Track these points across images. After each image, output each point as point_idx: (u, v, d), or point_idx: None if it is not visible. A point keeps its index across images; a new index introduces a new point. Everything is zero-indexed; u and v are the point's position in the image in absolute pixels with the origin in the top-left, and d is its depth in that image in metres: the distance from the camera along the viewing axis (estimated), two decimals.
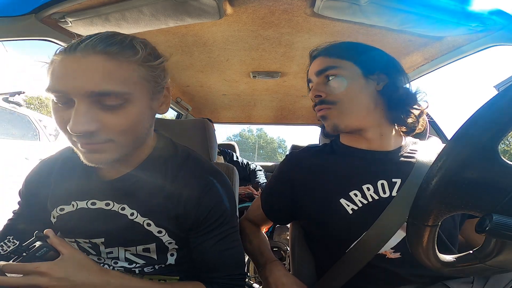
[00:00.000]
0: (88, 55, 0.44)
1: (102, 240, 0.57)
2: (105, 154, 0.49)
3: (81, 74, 0.44)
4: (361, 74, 0.66)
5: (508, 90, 0.29)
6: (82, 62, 0.44)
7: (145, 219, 0.55)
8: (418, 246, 0.37)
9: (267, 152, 49.69)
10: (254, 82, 1.59)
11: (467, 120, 0.32)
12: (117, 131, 0.47)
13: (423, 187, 0.34)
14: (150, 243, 0.57)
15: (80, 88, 0.44)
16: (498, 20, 0.76)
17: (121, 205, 0.56)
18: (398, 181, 0.62)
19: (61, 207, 0.58)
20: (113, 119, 0.46)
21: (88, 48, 0.45)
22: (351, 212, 0.62)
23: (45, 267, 0.43)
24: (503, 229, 0.30)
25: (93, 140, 0.46)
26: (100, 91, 0.44)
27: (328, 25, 0.95)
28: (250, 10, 0.87)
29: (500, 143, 0.30)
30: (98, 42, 0.45)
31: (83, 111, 0.44)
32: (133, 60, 0.47)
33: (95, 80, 0.44)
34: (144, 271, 0.60)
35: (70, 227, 0.58)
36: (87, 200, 0.57)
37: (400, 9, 0.77)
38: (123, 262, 0.59)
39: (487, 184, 0.31)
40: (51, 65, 0.47)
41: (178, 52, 1.20)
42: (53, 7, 0.75)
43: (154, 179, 0.57)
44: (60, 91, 0.45)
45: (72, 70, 0.44)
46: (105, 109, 0.46)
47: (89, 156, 0.49)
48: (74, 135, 0.46)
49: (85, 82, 0.44)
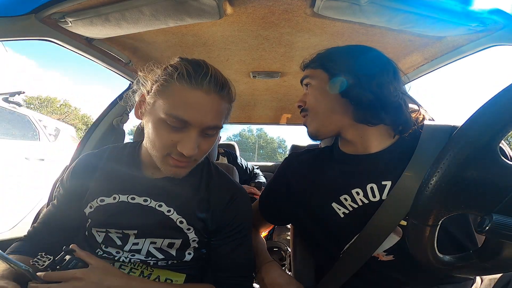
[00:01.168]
0: (210, 94, 0.56)
1: (135, 232, 0.64)
2: (186, 170, 0.61)
3: (204, 110, 0.55)
4: (327, 79, 0.66)
5: (508, 90, 0.29)
6: (207, 99, 0.55)
7: (179, 217, 0.64)
8: (418, 246, 0.37)
9: (267, 152, 49.71)
10: (254, 82, 1.59)
11: (467, 120, 0.32)
12: (203, 154, 0.61)
13: (423, 187, 0.34)
14: (177, 238, 0.65)
15: (201, 122, 0.55)
16: (498, 20, 0.75)
17: (158, 202, 0.65)
18: (389, 183, 0.61)
19: (101, 198, 0.66)
20: (205, 145, 0.59)
21: (210, 88, 0.56)
22: (342, 216, 0.64)
23: (80, 273, 0.51)
24: (503, 229, 0.30)
25: (188, 159, 0.58)
26: (212, 126, 0.57)
27: (328, 25, 0.95)
28: (250, 10, 0.87)
29: (500, 143, 0.30)
30: (215, 83, 0.56)
31: (196, 139, 0.56)
32: (230, 102, 0.62)
33: (212, 117, 0.56)
34: (157, 264, 0.66)
35: (106, 217, 0.65)
36: (128, 194, 0.65)
37: (400, 9, 0.77)
38: (141, 256, 0.65)
39: (487, 184, 0.31)
40: (169, 88, 0.56)
41: (178, 52, 1.20)
42: (53, 7, 0.75)
43: (191, 184, 0.68)
44: (183, 120, 0.54)
45: (197, 104, 0.54)
46: (205, 137, 0.59)
47: (175, 170, 0.60)
48: (177, 154, 0.57)
49: (206, 117, 0.55)
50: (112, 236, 0.66)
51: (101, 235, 0.67)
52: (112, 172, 0.69)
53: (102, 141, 1.34)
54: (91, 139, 1.32)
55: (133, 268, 0.64)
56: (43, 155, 2.49)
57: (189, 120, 0.54)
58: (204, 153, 0.61)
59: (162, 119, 0.55)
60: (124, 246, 0.66)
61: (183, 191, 0.66)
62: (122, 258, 0.65)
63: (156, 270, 0.65)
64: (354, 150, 0.69)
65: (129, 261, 0.65)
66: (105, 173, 0.69)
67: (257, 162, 2.98)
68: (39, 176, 2.40)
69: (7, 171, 2.19)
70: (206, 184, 0.69)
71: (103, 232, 0.67)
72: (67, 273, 0.51)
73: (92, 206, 0.67)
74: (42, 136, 2.62)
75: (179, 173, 0.61)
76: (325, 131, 0.69)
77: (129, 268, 0.64)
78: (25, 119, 2.56)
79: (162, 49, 1.17)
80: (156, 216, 0.64)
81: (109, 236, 0.67)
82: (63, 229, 0.70)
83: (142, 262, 0.65)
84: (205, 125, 0.56)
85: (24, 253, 0.65)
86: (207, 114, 0.55)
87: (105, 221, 0.66)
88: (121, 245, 0.66)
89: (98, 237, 0.67)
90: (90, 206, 0.67)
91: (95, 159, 0.72)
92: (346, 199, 0.64)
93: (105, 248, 0.66)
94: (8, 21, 0.70)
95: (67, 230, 0.70)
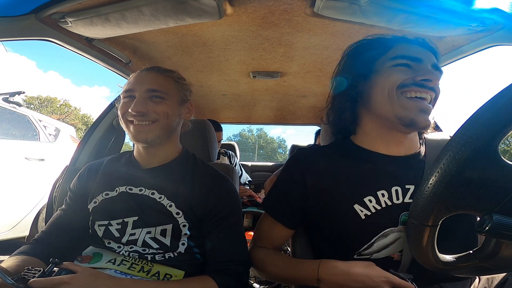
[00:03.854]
0: (150, 73, 0.77)
1: (135, 218, 0.72)
2: (151, 133, 0.72)
3: (143, 80, 0.74)
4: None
5: (507, 90, 0.29)
6: (146, 74, 0.76)
7: (169, 202, 0.72)
8: (418, 246, 0.37)
9: (267, 152, 49.68)
10: (254, 82, 1.59)
11: (467, 120, 0.32)
12: (160, 114, 0.72)
13: (423, 187, 0.34)
14: (168, 223, 0.71)
15: (141, 87, 0.73)
16: (498, 20, 0.75)
17: (151, 190, 0.74)
18: (412, 187, 0.62)
19: (106, 192, 0.75)
20: (157, 107, 0.72)
21: (150, 70, 0.78)
22: (363, 217, 0.62)
23: (68, 278, 0.54)
24: (503, 229, 0.30)
25: (144, 119, 0.71)
26: (151, 89, 0.73)
27: (328, 25, 0.95)
28: (250, 10, 0.87)
29: (500, 143, 0.30)
30: (157, 68, 0.79)
31: (141, 100, 0.72)
32: (171, 76, 0.79)
33: (150, 83, 0.74)
34: (155, 258, 0.69)
35: (109, 208, 0.73)
36: (127, 186, 0.75)
37: (400, 9, 0.77)
38: (138, 248, 0.70)
39: (487, 184, 0.31)
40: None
41: (178, 52, 1.20)
42: (53, 7, 0.75)
43: (178, 172, 0.77)
44: (128, 90, 0.74)
45: (139, 79, 0.75)
46: (153, 100, 0.73)
47: (138, 134, 0.72)
48: (131, 114, 0.70)
49: (145, 84, 0.73)
50: (111, 229, 0.72)
51: (101, 229, 0.73)
52: (114, 170, 0.80)
53: (102, 141, 1.34)
54: (91, 139, 1.31)
55: (134, 264, 0.67)
56: (43, 155, 2.49)
57: (131, 88, 0.74)
58: (158, 114, 0.72)
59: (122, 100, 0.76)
60: (122, 238, 0.71)
61: (171, 179, 0.75)
62: (122, 252, 0.70)
63: (156, 266, 0.68)
64: (386, 150, 0.67)
65: (129, 255, 0.70)
66: (107, 172, 0.80)
67: (257, 162, 2.97)
68: (39, 176, 2.40)
69: (7, 171, 2.19)
70: (191, 172, 0.78)
71: (103, 225, 0.73)
72: (55, 279, 0.53)
73: (97, 201, 0.75)
74: (42, 136, 2.61)
75: (144, 137, 0.72)
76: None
77: (130, 264, 0.67)
78: (25, 119, 2.55)
79: (162, 49, 1.17)
80: (150, 203, 0.72)
81: (109, 229, 0.72)
82: (71, 230, 0.76)
83: (140, 256, 0.69)
84: (144, 89, 0.73)
85: (34, 255, 0.68)
86: (145, 82, 0.74)
87: (109, 211, 0.73)
88: (119, 237, 0.71)
89: (99, 231, 0.72)
90: (94, 201, 0.75)
91: (96, 165, 0.84)
92: (371, 201, 0.62)
93: (108, 244, 0.72)
94: (8, 21, 0.70)
95: (75, 230, 0.76)
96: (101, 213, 0.74)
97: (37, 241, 0.73)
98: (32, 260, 0.66)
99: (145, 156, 0.78)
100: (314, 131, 2.47)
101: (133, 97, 0.73)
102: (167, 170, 0.77)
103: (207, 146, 1.07)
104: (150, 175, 0.76)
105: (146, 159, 0.78)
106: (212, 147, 1.10)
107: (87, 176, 0.81)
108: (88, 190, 0.78)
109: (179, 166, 0.79)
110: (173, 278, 0.67)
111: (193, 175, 0.78)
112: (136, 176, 0.76)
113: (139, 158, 0.79)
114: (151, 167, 0.78)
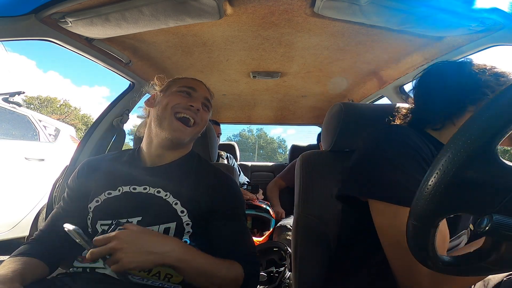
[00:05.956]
0: (203, 84, 0.87)
1: (139, 219, 0.70)
2: (188, 135, 0.76)
3: (202, 87, 0.84)
4: None
5: (507, 90, 0.29)
6: (202, 84, 0.86)
7: (175, 200, 0.72)
8: (418, 246, 0.37)
9: (267, 152, 49.67)
10: (254, 82, 1.59)
11: (466, 120, 0.32)
12: (202, 121, 0.80)
13: (422, 188, 0.34)
14: (172, 221, 0.70)
15: (200, 91, 0.82)
16: (498, 20, 0.76)
17: (156, 188, 0.73)
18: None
19: (108, 192, 0.74)
20: (204, 114, 0.81)
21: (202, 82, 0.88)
22: None
23: (119, 232, 0.58)
24: (503, 229, 0.30)
25: (194, 116, 0.76)
26: (207, 97, 0.84)
27: (328, 25, 0.95)
28: (250, 10, 0.87)
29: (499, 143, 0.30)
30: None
31: (198, 101, 0.79)
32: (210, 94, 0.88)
33: (206, 93, 0.85)
34: None
35: (113, 208, 0.72)
36: (130, 185, 0.74)
37: (400, 9, 0.77)
38: None
39: (486, 185, 0.31)
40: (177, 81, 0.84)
41: (178, 52, 1.20)
42: (53, 7, 0.75)
43: (183, 171, 0.78)
44: (190, 87, 0.81)
45: (198, 85, 0.84)
46: (203, 108, 0.81)
47: (177, 131, 0.74)
48: (186, 107, 0.76)
49: (203, 91, 0.84)
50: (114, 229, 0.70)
51: (104, 228, 0.71)
52: (116, 169, 0.78)
53: (102, 141, 1.34)
54: (91, 139, 1.31)
55: None
56: (43, 155, 2.49)
57: (194, 86, 0.82)
58: (202, 120, 0.80)
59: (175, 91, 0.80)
60: None
61: (176, 177, 0.75)
62: None
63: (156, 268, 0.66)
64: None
65: None
66: (109, 171, 0.78)
67: (257, 162, 2.97)
68: (39, 176, 2.40)
69: (7, 171, 2.19)
70: (196, 171, 0.79)
71: (107, 224, 0.71)
72: (108, 234, 0.58)
73: (99, 200, 0.74)
74: (42, 136, 2.61)
75: (182, 137, 0.75)
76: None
77: None
78: (25, 119, 2.55)
79: (162, 49, 1.17)
80: (156, 201, 0.72)
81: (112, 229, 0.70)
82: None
83: None
84: (202, 95, 0.83)
85: (32, 255, 0.67)
86: (203, 90, 0.85)
87: (113, 211, 0.72)
88: None
89: (101, 231, 0.71)
90: (96, 200, 0.74)
91: (96, 162, 0.82)
92: None
93: None
94: (8, 21, 0.70)
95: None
96: (104, 212, 0.73)
97: (36, 241, 0.72)
98: (32, 261, 0.66)
99: (155, 155, 0.78)
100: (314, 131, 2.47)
101: (189, 95, 0.79)
102: (171, 169, 0.77)
103: (207, 146, 1.07)
104: (155, 174, 0.76)
105: (154, 158, 0.78)
106: (213, 147, 1.10)
107: (86, 173, 0.79)
108: (88, 188, 0.76)
109: (184, 165, 0.80)
110: (173, 278, 0.66)
111: (198, 173, 0.78)
112: (140, 174, 0.76)
113: (147, 156, 0.79)
114: (156, 165, 0.78)
